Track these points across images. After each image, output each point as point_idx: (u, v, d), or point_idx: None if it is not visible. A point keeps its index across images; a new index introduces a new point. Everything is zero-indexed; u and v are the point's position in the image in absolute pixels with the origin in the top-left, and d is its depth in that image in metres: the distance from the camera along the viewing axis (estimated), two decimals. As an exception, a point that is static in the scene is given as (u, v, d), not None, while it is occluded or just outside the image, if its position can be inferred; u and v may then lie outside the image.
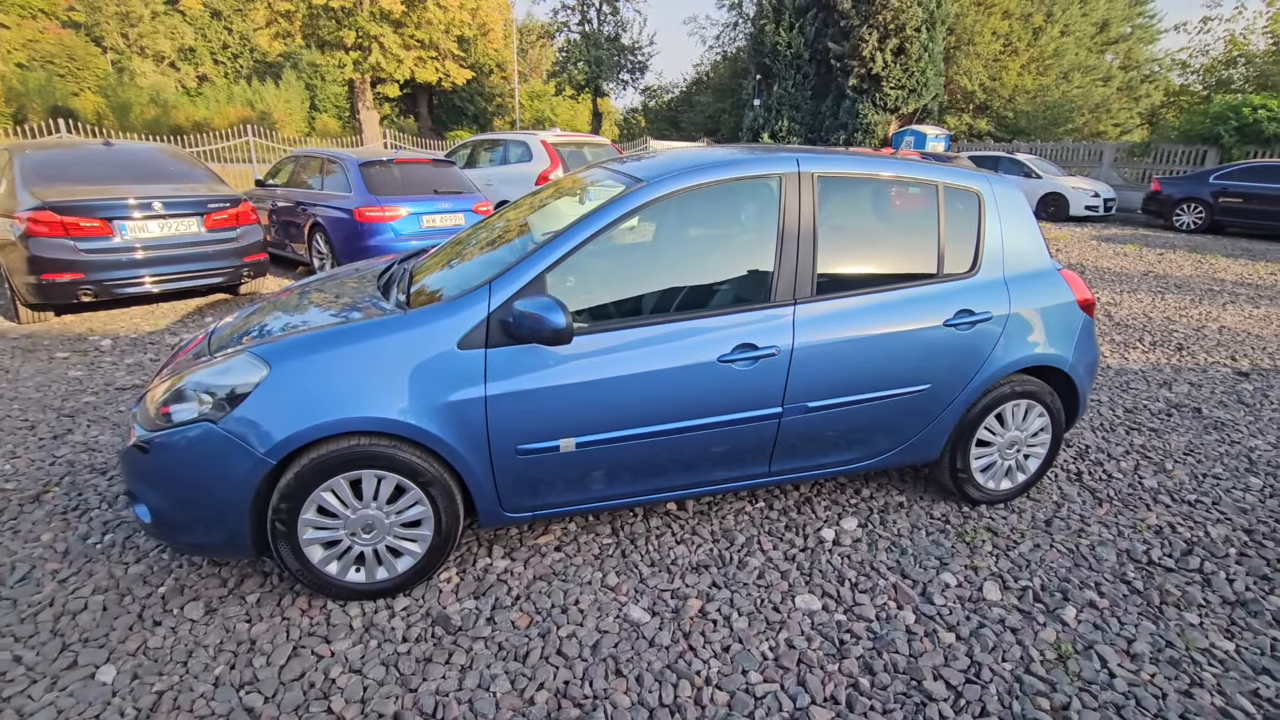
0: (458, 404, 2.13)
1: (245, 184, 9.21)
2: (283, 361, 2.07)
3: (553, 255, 2.22)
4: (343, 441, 2.09)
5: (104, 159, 5.80)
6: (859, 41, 19.32)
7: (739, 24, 26.67)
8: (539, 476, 2.30)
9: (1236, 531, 2.85)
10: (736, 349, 2.34)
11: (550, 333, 2.04)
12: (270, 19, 22.44)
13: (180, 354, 2.57)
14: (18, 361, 4.58)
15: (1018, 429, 2.86)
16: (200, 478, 2.05)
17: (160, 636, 2.13)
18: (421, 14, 23.74)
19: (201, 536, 2.13)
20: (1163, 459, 3.48)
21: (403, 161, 7.18)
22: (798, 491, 3.07)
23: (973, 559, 2.61)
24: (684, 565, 2.53)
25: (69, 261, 4.98)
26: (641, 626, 2.21)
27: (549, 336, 2.06)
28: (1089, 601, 2.38)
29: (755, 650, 2.12)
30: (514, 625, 2.21)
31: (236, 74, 47.64)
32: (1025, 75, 21.61)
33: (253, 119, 38.06)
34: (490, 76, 39.97)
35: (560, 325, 2.03)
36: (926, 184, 2.66)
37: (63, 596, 2.30)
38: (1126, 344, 5.48)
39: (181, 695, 1.91)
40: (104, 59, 44.26)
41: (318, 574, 2.20)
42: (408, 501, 2.21)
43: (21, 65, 37.46)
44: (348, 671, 2.00)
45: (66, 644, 2.09)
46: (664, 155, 2.75)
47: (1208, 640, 2.21)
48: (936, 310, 2.58)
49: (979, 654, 2.12)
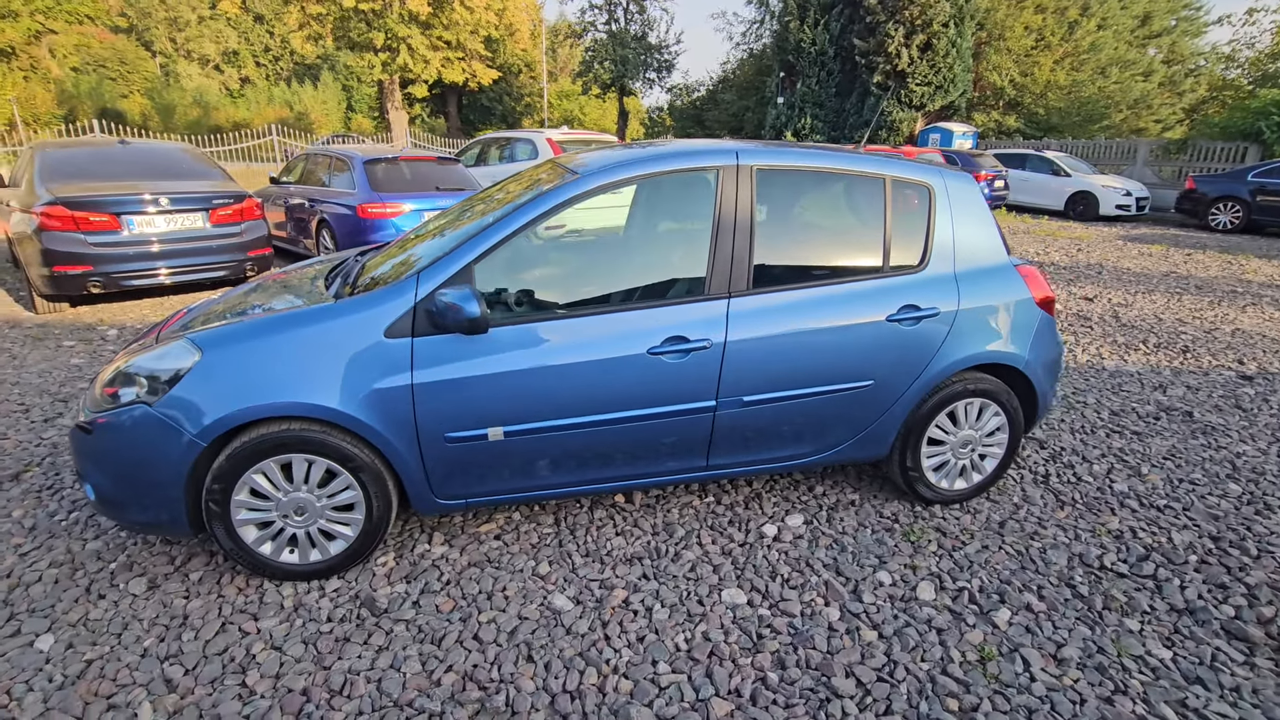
0: (385, 391, 2.18)
1: (266, 181, 9.47)
2: (215, 347, 2.15)
3: (481, 246, 2.25)
4: (274, 426, 2.16)
5: (118, 157, 6.03)
6: (884, 38, 18.99)
7: (765, 20, 26.44)
8: (470, 464, 2.34)
9: (1203, 538, 2.75)
10: (667, 341, 2.35)
11: (466, 322, 2.08)
12: (303, 21, 23.02)
13: (148, 336, 2.68)
14: (26, 349, 4.81)
15: (971, 428, 2.80)
16: (138, 457, 2.13)
17: (102, 609, 2.22)
18: (449, 15, 24.08)
19: (141, 514, 2.21)
20: (1140, 463, 3.37)
21: (407, 159, 7.31)
22: (750, 487, 3.06)
23: (914, 558, 2.57)
24: (618, 556, 2.55)
25: (79, 254, 5.20)
26: (562, 614, 2.23)
27: (466, 326, 2.10)
28: (1025, 605, 2.33)
29: (669, 642, 2.12)
30: (438, 609, 2.25)
31: (277, 76, 49.03)
32: (1058, 71, 20.97)
33: (290, 119, 39.15)
34: (519, 76, 40.37)
35: (475, 314, 2.06)
36: (873, 177, 2.62)
37: (20, 569, 2.42)
38: (1129, 345, 5.30)
39: (109, 664, 1.99)
40: (153, 62, 45.97)
41: (252, 554, 2.27)
42: (339, 486, 2.27)
43: (75, 69, 39.16)
44: (269, 648, 2.07)
45: (14, 613, 2.20)
46: (609, 149, 2.77)
47: (1144, 648, 2.14)
48: (879, 305, 2.55)
49: (897, 653, 2.09)
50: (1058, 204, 14.70)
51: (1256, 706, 1.93)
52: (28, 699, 1.87)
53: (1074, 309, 6.45)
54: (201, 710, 1.84)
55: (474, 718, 1.84)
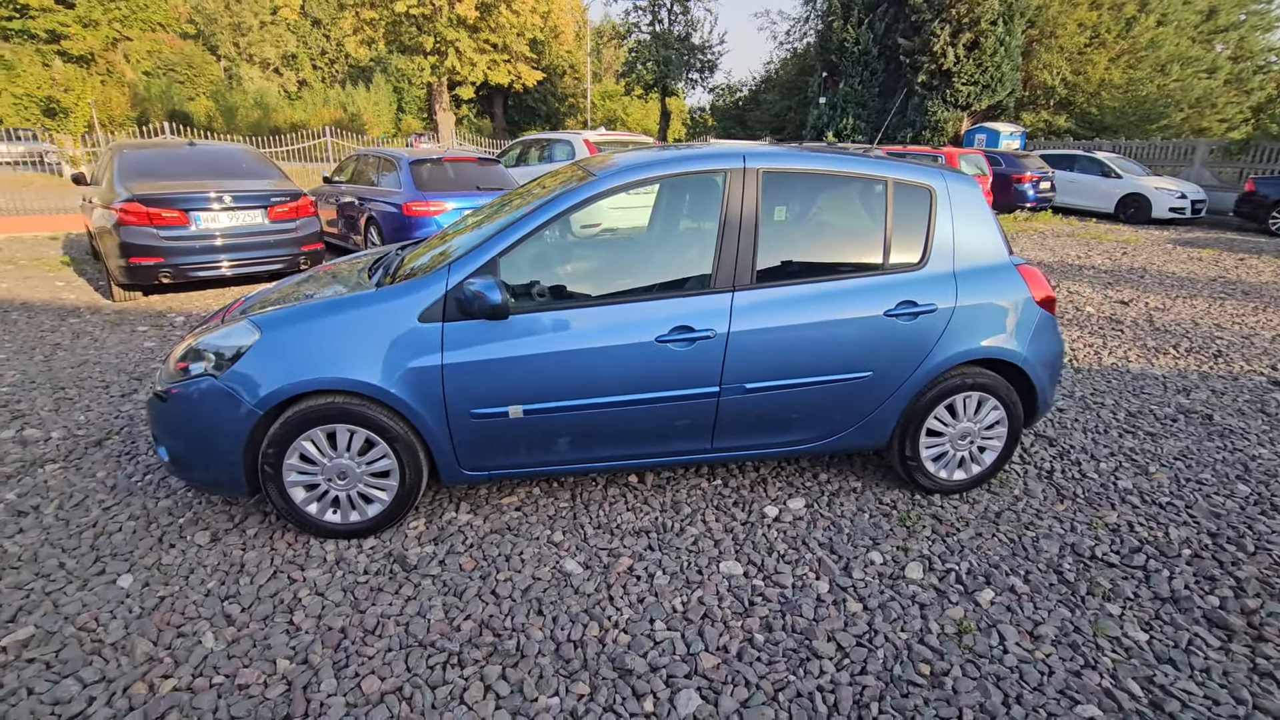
0: (418, 370, 2.44)
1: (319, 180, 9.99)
2: (272, 328, 2.44)
3: (506, 241, 2.49)
4: (321, 398, 2.44)
5: (187, 157, 6.53)
6: (930, 36, 18.70)
7: (809, 19, 26.28)
8: (492, 439, 2.58)
9: (1200, 534, 2.80)
10: (674, 330, 2.54)
11: (489, 308, 2.32)
12: (357, 26, 23.94)
13: (214, 319, 3.01)
14: (106, 332, 5.28)
15: (970, 421, 2.92)
16: (205, 424, 2.44)
17: (172, 556, 2.54)
18: (495, 19, 24.69)
19: (206, 474, 2.52)
20: (1149, 462, 3.41)
21: (450, 160, 7.66)
22: (756, 472, 3.23)
23: (907, 541, 2.70)
24: (627, 529, 2.75)
25: (152, 247, 5.67)
26: (571, 577, 2.45)
27: (489, 312, 2.34)
28: (1010, 587, 2.44)
29: (667, 604, 2.32)
30: (461, 568, 2.50)
31: (332, 79, 50.87)
32: (1113, 69, 20.28)
33: (344, 121, 40.62)
34: (563, 78, 40.98)
35: (497, 302, 2.30)
36: (875, 179, 2.77)
37: (104, 520, 2.76)
38: (1158, 349, 5.25)
39: (178, 600, 2.30)
40: (217, 66, 48.27)
41: (300, 512, 2.56)
42: (377, 454, 2.54)
43: (148, 74, 41.43)
44: (313, 594, 2.35)
45: (100, 556, 2.53)
46: (630, 153, 2.98)
47: (1121, 629, 2.25)
48: (877, 300, 2.69)
49: (879, 623, 2.24)
50: (1107, 206, 14.30)
51: (1224, 687, 2.02)
52: (111, 625, 2.18)
53: (1107, 312, 6.38)
54: (255, 640, 2.12)
55: (488, 658, 2.07)
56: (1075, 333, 5.70)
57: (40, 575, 2.42)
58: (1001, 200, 13.78)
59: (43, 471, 3.14)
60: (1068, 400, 4.21)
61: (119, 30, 30.35)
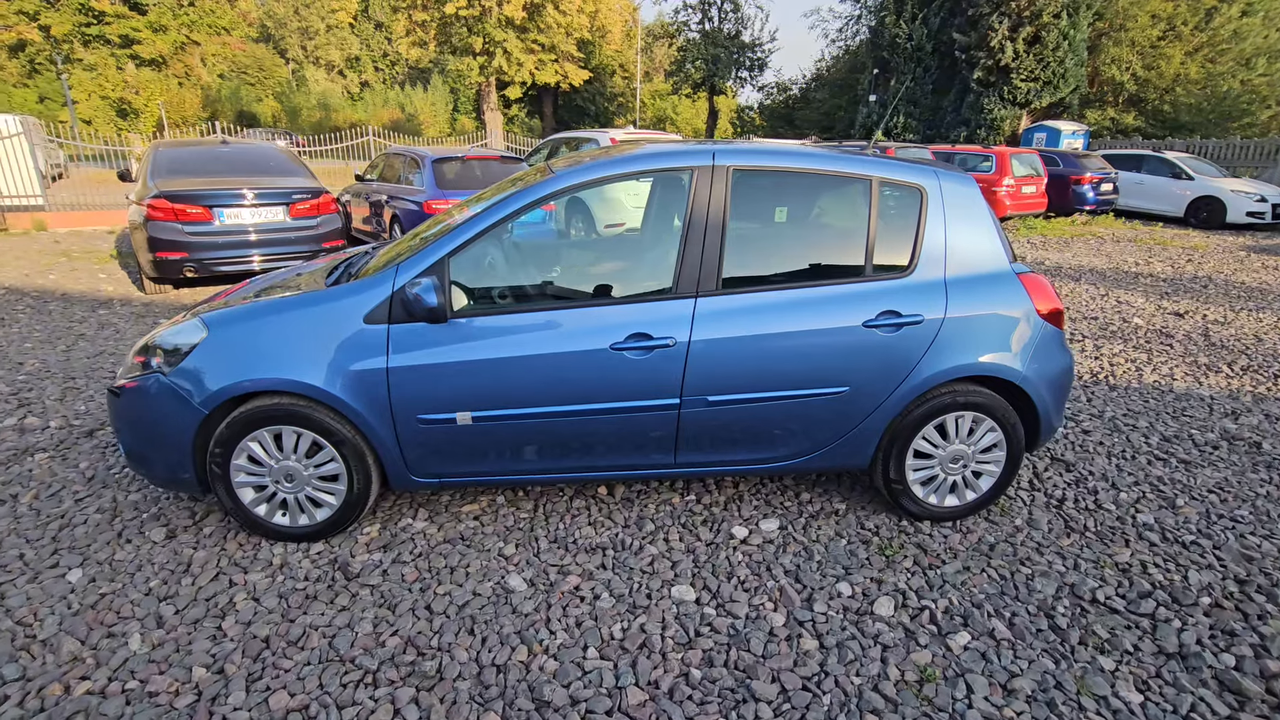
0: (363, 373, 2.36)
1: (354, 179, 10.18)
2: (219, 327, 2.40)
3: (455, 241, 2.39)
4: (267, 399, 2.39)
5: (218, 156, 6.72)
6: (987, 31, 17.88)
7: (861, 16, 25.55)
8: (441, 446, 2.49)
9: (1225, 580, 2.49)
10: (630, 338, 2.40)
11: (425, 311, 2.23)
12: (409, 29, 24.51)
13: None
14: (129, 324, 5.47)
15: (963, 442, 2.67)
16: (154, 420, 2.42)
17: (126, 551, 2.54)
18: (543, 19, 24.89)
19: (157, 471, 2.51)
20: (1177, 494, 3.07)
21: (473, 159, 7.68)
22: (735, 488, 3.05)
23: (883, 573, 2.48)
24: (583, 545, 2.62)
25: (177, 242, 5.85)
26: (513, 594, 2.34)
27: (425, 314, 2.25)
28: (989, 631, 2.20)
29: (605, 630, 2.18)
30: (403, 579, 2.41)
31: (393, 80, 52.46)
32: (1190, 63, 18.96)
33: (401, 120, 41.78)
34: (613, 77, 41.09)
35: (433, 304, 2.21)
36: (857, 179, 2.55)
37: (73, 512, 2.80)
38: (1210, 367, 4.79)
39: (117, 599, 2.28)
40: (285, 68, 50.43)
41: (248, 513, 2.52)
42: (324, 458, 2.48)
43: (222, 76, 43.60)
44: (249, 598, 2.30)
45: (58, 549, 2.56)
46: (599, 150, 2.84)
47: (1111, 688, 1.99)
48: (855, 310, 2.48)
49: (832, 664, 2.05)
50: (1177, 210, 13.35)
51: (1225, 765, 1.75)
52: (48, 620, 2.17)
53: (1158, 324, 5.89)
54: (179, 645, 2.08)
55: (404, 679, 1.97)
56: (1117, 346, 5.27)
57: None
58: (1058, 202, 13.03)
59: (31, 460, 3.22)
60: (1094, 421, 3.86)
61: (187, 35, 32.03)
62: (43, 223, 10.32)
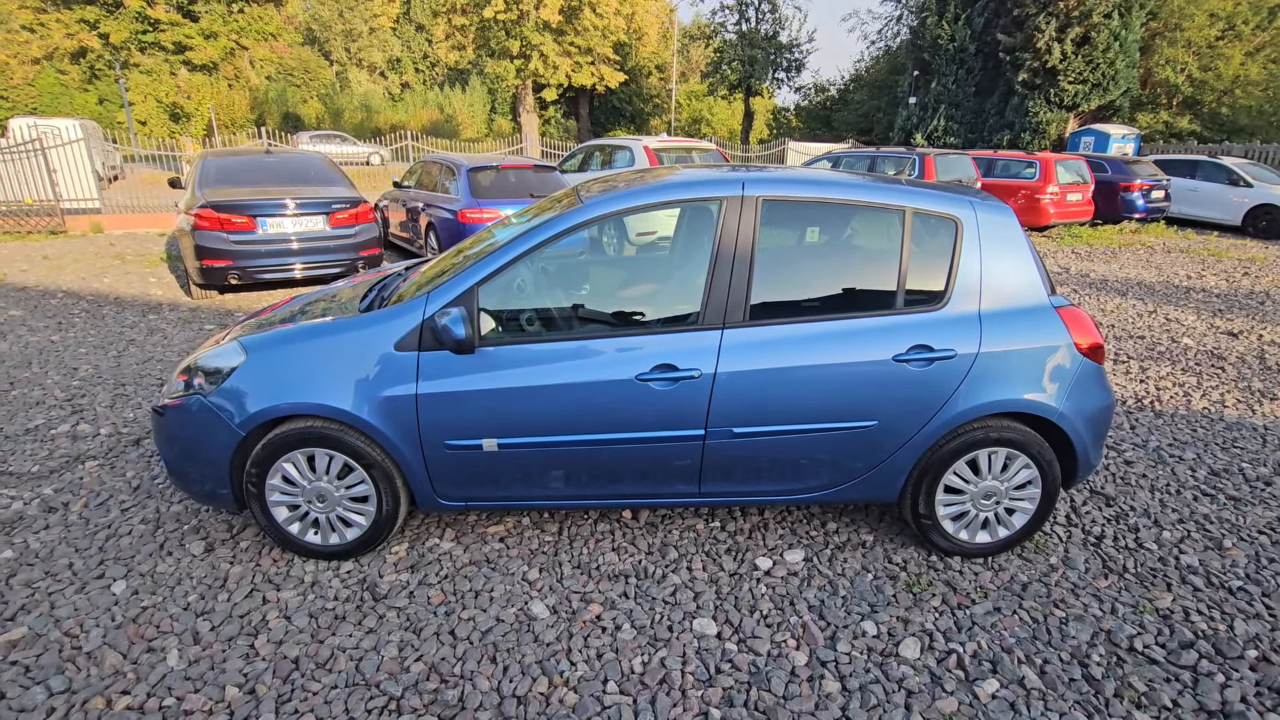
0: (393, 399, 2.41)
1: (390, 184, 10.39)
2: (257, 351, 2.48)
3: (485, 270, 2.42)
4: (301, 422, 2.46)
5: (262, 165, 6.93)
6: (1034, 32, 17.36)
7: (901, 16, 25.06)
8: (468, 470, 2.52)
9: (1275, 632, 2.38)
10: (655, 369, 2.40)
11: (454, 343, 2.26)
12: (448, 32, 24.88)
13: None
14: (177, 330, 5.67)
15: (995, 479, 2.60)
16: (194, 440, 2.51)
17: (167, 564, 2.64)
18: (579, 21, 25.03)
19: (197, 487, 2.60)
20: (1224, 534, 2.95)
21: (507, 167, 7.76)
22: (760, 516, 3.02)
23: (910, 611, 2.44)
24: (605, 571, 2.63)
25: (222, 250, 6.05)
26: (535, 621, 2.36)
27: (453, 345, 2.28)
28: (1020, 679, 2.14)
29: (626, 663, 2.18)
30: (429, 601, 2.45)
31: (433, 81, 53.37)
32: (1250, 64, 18.13)
33: (440, 122, 42.48)
34: (649, 78, 41.09)
35: (461, 336, 2.24)
36: (890, 209, 2.51)
37: (119, 522, 2.92)
38: (1265, 393, 4.58)
39: (158, 613, 2.37)
40: (329, 70, 51.71)
41: (282, 531, 2.59)
42: (355, 479, 2.54)
43: (269, 78, 44.91)
44: (281, 616, 2.37)
45: (104, 559, 2.67)
46: (627, 176, 2.84)
47: (1147, 747, 1.92)
48: (886, 344, 2.43)
49: (854, 709, 2.02)
50: (1234, 218, 12.80)
51: (1268, 838, 1.68)
52: (93, 633, 2.27)
53: (1209, 345, 5.66)
54: (214, 663, 2.15)
55: (427, 706, 2.01)
56: (1164, 369, 5.07)
57: (49, 574, 2.57)
58: (1105, 210, 12.60)
59: (82, 468, 3.36)
60: (1137, 451, 3.72)
61: (235, 41, 33.12)
62: (99, 225, 10.77)
